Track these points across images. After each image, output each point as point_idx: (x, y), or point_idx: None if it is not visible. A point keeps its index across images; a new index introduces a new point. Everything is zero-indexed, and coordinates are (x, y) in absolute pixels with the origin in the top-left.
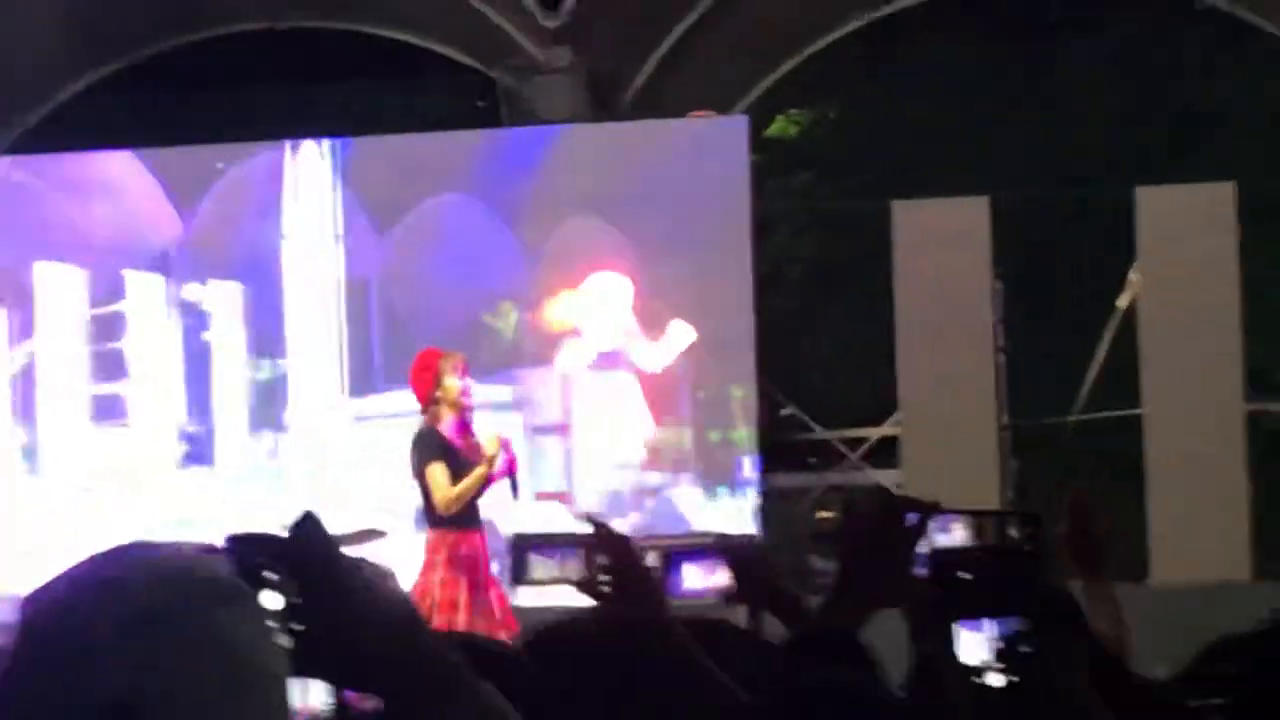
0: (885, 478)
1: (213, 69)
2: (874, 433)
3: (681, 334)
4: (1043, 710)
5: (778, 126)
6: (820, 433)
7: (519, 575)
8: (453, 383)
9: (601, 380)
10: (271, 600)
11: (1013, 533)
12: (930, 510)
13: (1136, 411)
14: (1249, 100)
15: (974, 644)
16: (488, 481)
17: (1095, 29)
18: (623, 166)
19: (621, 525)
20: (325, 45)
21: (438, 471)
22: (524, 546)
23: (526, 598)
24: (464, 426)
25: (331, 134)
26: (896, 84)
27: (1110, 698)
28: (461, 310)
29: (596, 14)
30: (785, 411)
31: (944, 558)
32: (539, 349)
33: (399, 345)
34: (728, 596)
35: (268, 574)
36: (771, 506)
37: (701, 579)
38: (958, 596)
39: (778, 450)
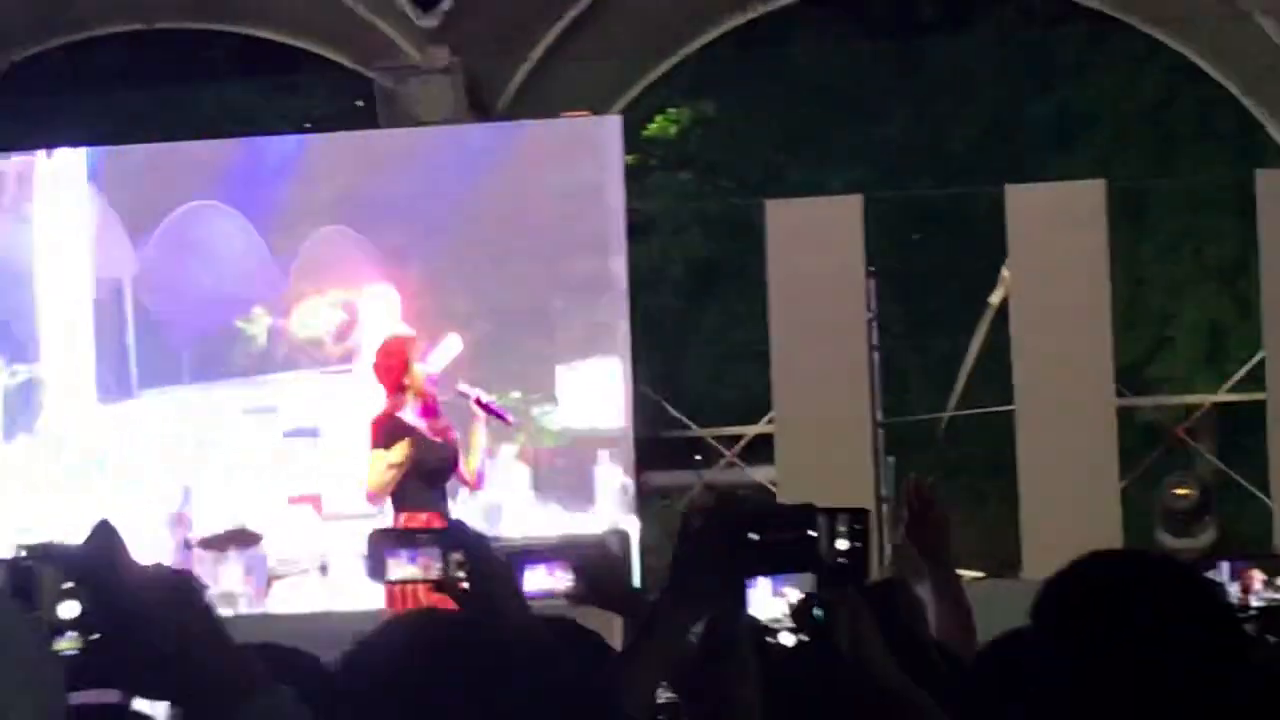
0: (761, 475)
1: (87, 71)
2: (750, 430)
3: (451, 344)
4: (832, 671)
5: (657, 126)
6: (696, 430)
7: (377, 574)
8: (420, 369)
9: (360, 386)
10: (65, 609)
11: (840, 527)
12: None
13: (1009, 407)
14: (1120, 98)
15: (767, 604)
16: (440, 484)
17: (967, 27)
18: (497, 167)
19: (368, 527)
20: (202, 47)
21: (378, 457)
22: (381, 545)
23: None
24: (430, 410)
25: (209, 135)
26: (771, 82)
27: (914, 674)
28: (215, 315)
29: (473, 14)
30: (672, 413)
31: (733, 521)
32: (291, 354)
33: (153, 349)
34: (573, 597)
35: (64, 584)
36: (649, 504)
37: (547, 581)
38: (745, 556)
39: (655, 448)
